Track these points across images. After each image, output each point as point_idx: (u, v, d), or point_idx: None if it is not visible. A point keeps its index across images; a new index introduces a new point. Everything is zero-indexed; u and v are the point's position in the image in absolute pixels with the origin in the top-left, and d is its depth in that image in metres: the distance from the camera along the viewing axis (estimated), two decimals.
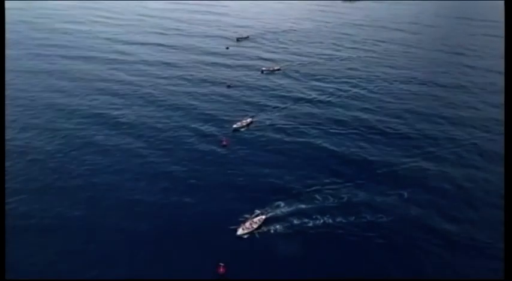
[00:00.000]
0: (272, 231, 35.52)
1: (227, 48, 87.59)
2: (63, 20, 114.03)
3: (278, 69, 73.68)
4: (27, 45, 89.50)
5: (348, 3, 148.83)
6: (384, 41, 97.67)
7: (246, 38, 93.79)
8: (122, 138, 50.63)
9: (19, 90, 64.87)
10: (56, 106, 59.38)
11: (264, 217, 36.87)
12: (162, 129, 53.08)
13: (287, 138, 50.92)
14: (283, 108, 59.41)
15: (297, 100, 62.19)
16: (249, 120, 53.82)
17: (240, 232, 34.92)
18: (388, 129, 53.90)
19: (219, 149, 47.99)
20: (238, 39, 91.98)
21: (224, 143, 49.03)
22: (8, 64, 71.48)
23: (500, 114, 53.29)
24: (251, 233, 35.00)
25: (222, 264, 31.59)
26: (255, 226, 35.63)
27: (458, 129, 54.99)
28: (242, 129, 52.14)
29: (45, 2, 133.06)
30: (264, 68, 73.30)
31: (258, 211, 37.64)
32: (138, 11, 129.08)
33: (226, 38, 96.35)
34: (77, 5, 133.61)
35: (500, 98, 54.40)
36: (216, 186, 41.71)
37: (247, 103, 60.74)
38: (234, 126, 52.18)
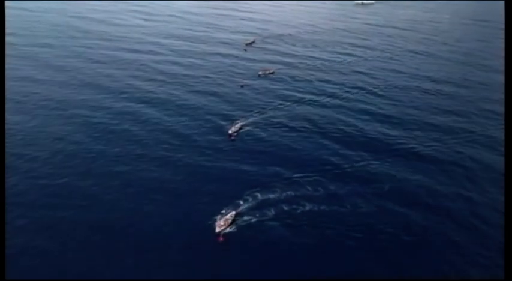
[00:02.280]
0: (246, 224, 36.33)
1: (245, 50, 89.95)
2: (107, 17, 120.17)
3: (272, 73, 74.79)
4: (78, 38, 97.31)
5: (360, 8, 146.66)
6: (394, 45, 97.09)
7: (252, 43, 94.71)
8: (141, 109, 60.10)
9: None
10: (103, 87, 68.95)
11: (234, 212, 37.39)
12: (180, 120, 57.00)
13: (288, 136, 52.62)
14: (287, 106, 61.33)
15: (295, 101, 63.33)
16: (239, 124, 53.88)
17: (217, 229, 35.49)
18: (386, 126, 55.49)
19: (223, 143, 50.05)
20: (246, 44, 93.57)
21: (232, 138, 51.09)
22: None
23: None
24: (228, 228, 35.85)
25: (221, 233, 34.87)
26: (228, 222, 36.24)
27: (461, 123, 57.01)
28: (236, 133, 52.38)
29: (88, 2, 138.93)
30: (260, 72, 74.29)
31: (229, 208, 38.17)
32: (171, 10, 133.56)
33: (243, 37, 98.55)
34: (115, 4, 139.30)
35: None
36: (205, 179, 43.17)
37: (255, 101, 62.81)
38: (230, 132, 52.28)
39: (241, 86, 68.50)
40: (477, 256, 34.06)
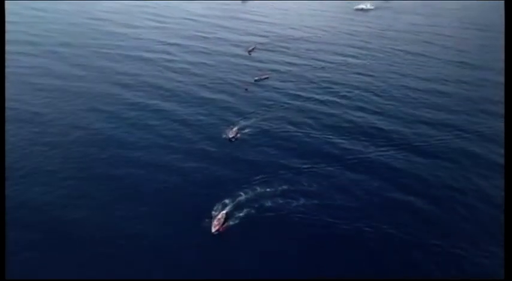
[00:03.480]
0: (242, 220, 36.77)
1: (250, 53, 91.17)
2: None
3: (267, 77, 75.77)
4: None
5: (360, 13, 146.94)
6: (396, 50, 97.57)
7: (253, 49, 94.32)
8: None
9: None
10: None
11: (225, 212, 37.32)
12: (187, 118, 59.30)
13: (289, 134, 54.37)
14: (284, 107, 63.21)
15: (292, 102, 64.83)
16: (236, 128, 54.32)
17: (213, 229, 35.57)
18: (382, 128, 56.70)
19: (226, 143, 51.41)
20: (249, 51, 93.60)
21: (236, 137, 52.37)
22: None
23: None
24: (223, 226, 36.02)
25: (220, 229, 35.28)
26: (221, 222, 36.15)
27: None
28: (238, 134, 53.38)
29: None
30: (256, 78, 75.22)
31: (216, 210, 38.25)
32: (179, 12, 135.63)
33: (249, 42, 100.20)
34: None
35: None
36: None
37: (256, 103, 64.52)
38: (230, 136, 52.65)
39: (246, 89, 70.34)
40: (477, 255, 33.89)
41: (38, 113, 59.66)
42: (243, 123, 56.62)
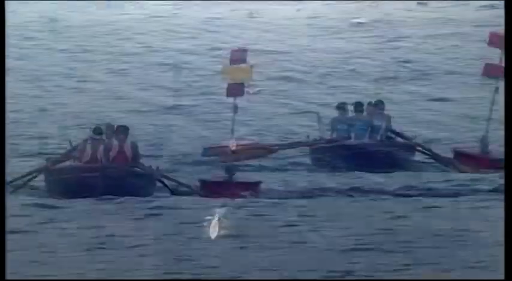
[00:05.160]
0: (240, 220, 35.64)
1: (251, 66, 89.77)
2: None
3: (259, 90, 74.00)
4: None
5: (355, 26, 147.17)
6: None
7: (253, 65, 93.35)
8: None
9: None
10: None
11: (216, 220, 35.79)
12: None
13: None
14: (282, 115, 62.52)
15: (289, 110, 64.55)
16: (233, 140, 53.02)
17: (212, 236, 34.17)
18: None
19: None
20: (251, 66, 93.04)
21: (234, 147, 50.42)
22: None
23: None
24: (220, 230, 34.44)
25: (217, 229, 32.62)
26: (216, 228, 34.64)
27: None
28: (239, 141, 52.24)
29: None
30: (250, 91, 73.01)
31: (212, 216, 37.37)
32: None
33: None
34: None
35: None
36: None
37: (254, 112, 63.89)
38: (232, 148, 51.30)
39: (247, 97, 70.03)
40: (476, 255, 32.73)
41: (61, 111, 62.45)
42: (243, 129, 56.47)
